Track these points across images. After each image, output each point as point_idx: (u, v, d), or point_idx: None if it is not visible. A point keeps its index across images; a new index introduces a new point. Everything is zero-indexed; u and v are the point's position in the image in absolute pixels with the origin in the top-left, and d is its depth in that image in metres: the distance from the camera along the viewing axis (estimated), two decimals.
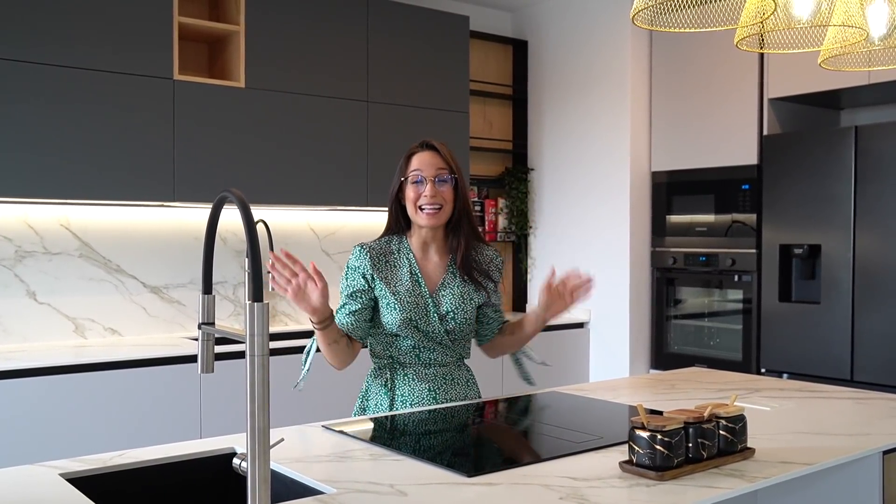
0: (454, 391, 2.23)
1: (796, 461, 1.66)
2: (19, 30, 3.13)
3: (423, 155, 2.17)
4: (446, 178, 2.16)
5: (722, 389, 2.44)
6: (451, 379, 2.23)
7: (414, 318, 2.13)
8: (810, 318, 3.79)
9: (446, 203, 2.15)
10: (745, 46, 2.00)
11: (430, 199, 2.12)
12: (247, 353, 1.25)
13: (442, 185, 2.15)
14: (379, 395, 2.21)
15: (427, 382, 2.19)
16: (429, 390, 2.19)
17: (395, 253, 2.20)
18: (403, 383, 2.19)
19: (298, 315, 4.22)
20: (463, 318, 2.18)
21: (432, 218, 2.14)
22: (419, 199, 2.14)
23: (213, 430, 3.28)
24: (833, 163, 3.70)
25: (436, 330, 2.16)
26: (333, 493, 1.45)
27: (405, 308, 2.13)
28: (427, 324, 2.15)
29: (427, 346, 2.17)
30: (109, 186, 3.34)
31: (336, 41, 3.94)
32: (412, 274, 2.18)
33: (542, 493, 1.45)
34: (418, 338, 2.15)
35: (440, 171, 2.15)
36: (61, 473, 1.56)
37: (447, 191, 2.16)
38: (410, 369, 2.19)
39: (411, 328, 2.14)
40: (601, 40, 4.61)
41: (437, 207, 2.13)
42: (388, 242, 2.22)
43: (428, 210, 2.13)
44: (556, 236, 4.90)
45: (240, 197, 1.32)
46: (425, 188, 2.13)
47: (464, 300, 2.19)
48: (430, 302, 2.16)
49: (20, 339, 3.46)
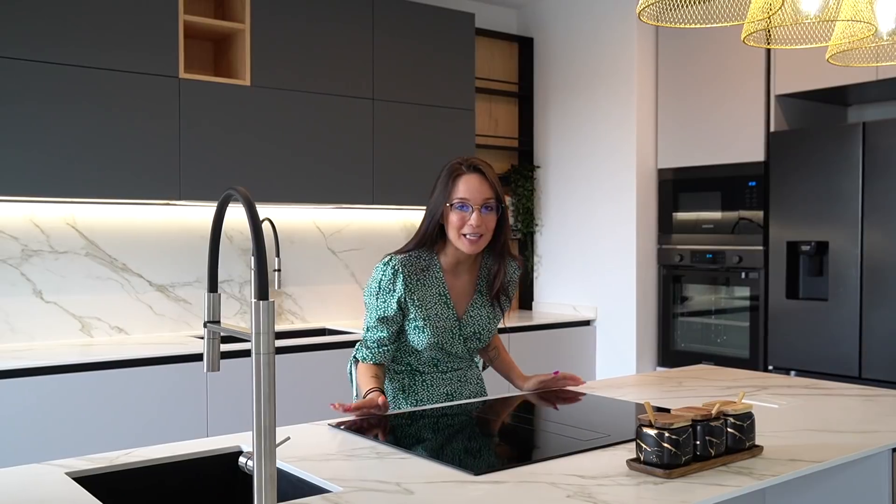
0: (468, 389, 2.32)
1: (805, 459, 1.65)
2: (24, 29, 3.13)
3: (471, 179, 2.11)
4: (492, 206, 2.12)
5: (729, 387, 2.43)
6: (465, 379, 2.32)
7: (441, 342, 2.18)
8: (818, 315, 3.78)
9: (487, 232, 2.12)
10: (752, 42, 1.99)
11: (475, 228, 2.09)
12: (252, 350, 1.25)
13: (487, 212, 2.11)
14: (396, 399, 2.26)
15: (445, 387, 2.27)
16: (446, 394, 2.27)
17: (425, 270, 2.17)
18: (422, 388, 2.25)
19: (304, 313, 4.22)
20: (487, 338, 2.27)
21: (473, 245, 2.11)
22: (463, 227, 2.09)
23: (219, 429, 3.28)
24: (841, 159, 3.68)
25: (459, 350, 2.24)
26: (340, 491, 1.45)
27: (434, 333, 2.16)
28: (452, 345, 2.22)
29: (446, 360, 2.26)
30: (115, 185, 3.34)
31: (341, 39, 3.93)
32: (441, 296, 2.18)
33: (549, 491, 1.44)
34: (442, 356, 2.23)
35: (487, 200, 2.11)
36: (67, 472, 1.56)
37: (491, 219, 2.12)
38: (429, 377, 2.26)
39: (436, 349, 2.20)
40: (607, 37, 4.60)
41: (478, 235, 2.10)
42: (417, 258, 2.17)
43: (470, 237, 2.10)
44: (563, 234, 4.89)
45: (245, 194, 1.31)
46: (471, 217, 2.09)
47: (489, 321, 2.26)
48: (458, 325, 2.21)
49: (27, 337, 3.46)
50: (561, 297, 4.90)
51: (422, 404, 2.24)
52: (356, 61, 3.98)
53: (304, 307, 4.22)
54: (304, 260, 4.21)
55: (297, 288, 4.20)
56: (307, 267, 4.22)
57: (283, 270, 4.13)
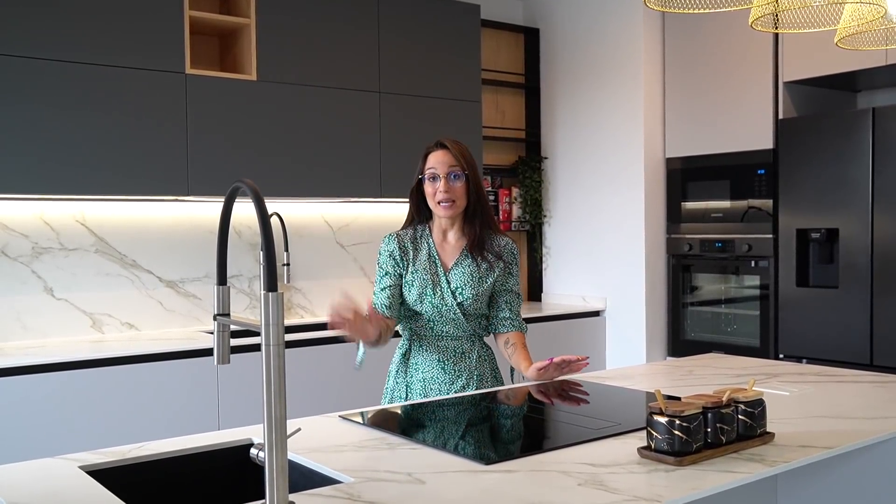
0: (463, 364, 2.39)
1: (817, 445, 1.64)
2: (31, 27, 3.14)
3: (437, 154, 2.41)
4: (458, 174, 2.37)
5: (740, 375, 2.42)
6: (461, 352, 2.40)
7: (428, 293, 2.36)
8: (828, 302, 3.76)
9: (459, 198, 2.38)
10: (760, 27, 1.98)
11: (444, 194, 2.36)
12: (262, 342, 1.25)
13: (455, 181, 2.37)
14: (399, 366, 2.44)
15: (438, 353, 2.39)
16: (438, 360, 2.38)
17: (418, 239, 2.45)
18: (417, 353, 2.41)
19: (314, 307, 4.23)
20: (472, 294, 2.37)
21: (448, 210, 2.38)
22: (436, 195, 2.38)
23: (230, 423, 3.29)
24: (850, 145, 3.66)
25: (448, 304, 2.36)
26: (351, 482, 1.45)
27: (421, 284, 2.36)
28: (440, 298, 2.36)
29: (440, 321, 2.38)
30: (123, 182, 3.35)
31: (347, 32, 3.93)
32: (430, 255, 2.42)
33: (560, 480, 1.44)
34: (432, 312, 2.37)
35: (452, 169, 2.37)
36: (81, 466, 1.57)
37: (460, 186, 2.38)
38: (425, 341, 2.41)
39: (426, 303, 2.36)
40: (613, 27, 4.58)
41: (451, 201, 2.37)
42: (412, 231, 2.47)
43: (444, 204, 2.37)
44: (571, 224, 4.88)
45: (252, 187, 1.32)
46: (440, 184, 2.36)
47: (473, 278, 2.39)
48: (444, 279, 2.38)
49: (38, 334, 3.48)
50: (570, 288, 4.90)
51: (417, 368, 2.38)
52: (362, 54, 3.98)
53: (314, 301, 4.22)
54: (312, 254, 4.22)
55: (306, 282, 4.20)
56: (316, 261, 4.23)
57: (291, 265, 4.14)
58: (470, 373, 2.38)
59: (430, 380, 2.36)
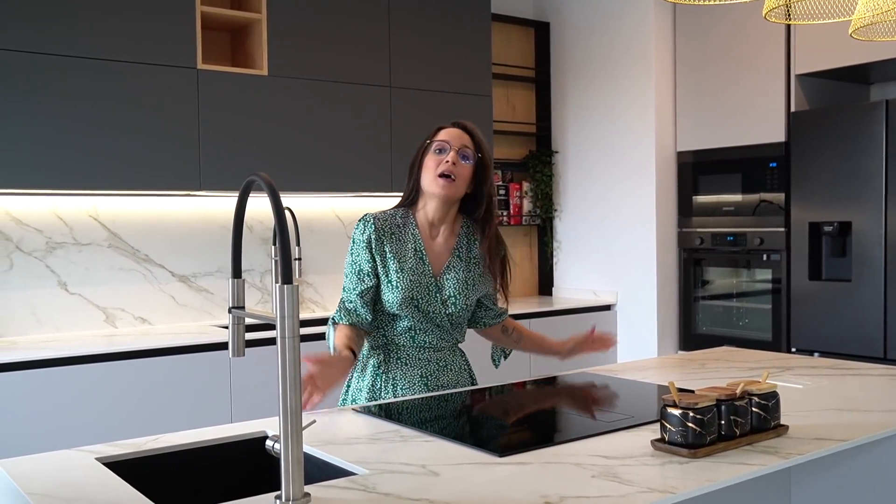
0: (446, 377, 2.18)
1: (831, 437, 1.64)
2: (43, 23, 3.15)
3: (453, 129, 2.15)
4: (470, 154, 2.12)
5: (753, 368, 2.42)
6: (444, 365, 2.18)
7: (416, 298, 2.09)
8: (841, 296, 3.74)
9: (462, 178, 2.10)
10: (774, 18, 1.97)
11: (450, 166, 2.06)
12: (277, 334, 1.26)
13: (465, 160, 2.11)
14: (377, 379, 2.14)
15: (420, 368, 2.14)
16: (420, 377, 2.14)
17: (400, 227, 2.14)
18: (396, 366, 2.14)
19: (325, 302, 4.24)
20: (465, 304, 2.15)
21: (446, 187, 2.07)
22: (439, 167, 2.08)
23: (242, 416, 3.31)
24: (863, 138, 3.64)
25: (437, 311, 2.12)
26: (366, 473, 1.46)
27: (408, 287, 2.07)
28: (429, 304, 2.10)
29: (423, 329, 2.13)
30: (136, 177, 3.37)
31: (357, 27, 3.93)
32: (416, 252, 2.12)
33: (573, 472, 1.44)
34: (417, 318, 2.11)
35: (465, 148, 2.12)
36: (98, 458, 1.58)
37: (468, 168, 2.11)
38: (404, 352, 2.14)
39: (412, 308, 2.09)
40: (624, 20, 4.56)
41: (452, 178, 2.08)
42: (393, 215, 2.15)
43: (444, 179, 2.07)
44: (582, 219, 4.87)
45: (267, 180, 1.32)
46: (447, 155, 2.08)
47: (467, 286, 2.15)
48: (434, 284, 2.11)
49: (53, 328, 3.51)
50: (581, 282, 4.89)
51: (395, 385, 2.12)
52: (373, 49, 3.98)
53: (325, 295, 4.24)
54: (323, 248, 4.23)
55: (318, 276, 4.22)
56: (327, 255, 4.24)
57: (303, 259, 4.15)
58: (456, 384, 2.19)
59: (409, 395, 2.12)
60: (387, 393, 2.13)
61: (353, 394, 2.21)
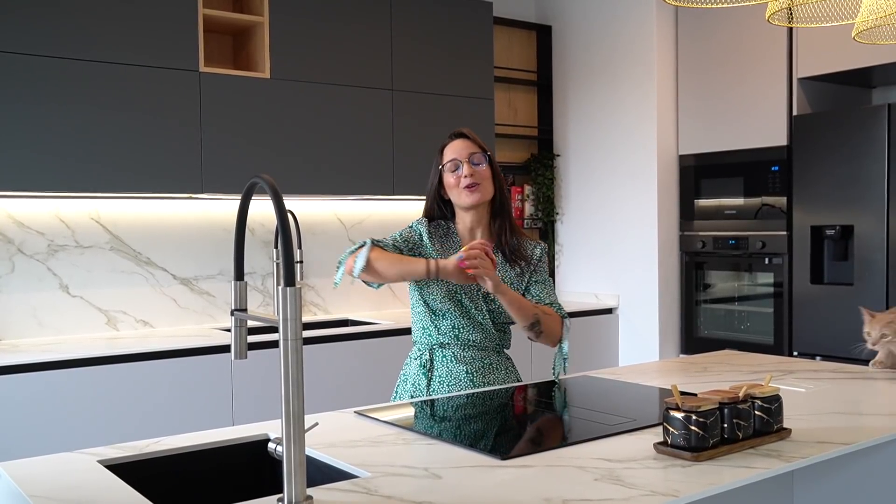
0: (493, 376, 2.28)
1: (834, 441, 1.63)
2: (45, 26, 3.16)
3: (455, 143, 2.30)
4: (480, 158, 2.27)
5: (755, 371, 2.42)
6: (489, 364, 2.28)
7: (458, 292, 2.22)
8: (843, 299, 3.74)
9: (484, 181, 2.25)
10: (777, 21, 1.97)
11: (469, 178, 2.22)
12: (280, 337, 1.26)
13: (478, 165, 2.26)
14: (417, 377, 2.28)
15: (465, 364, 2.24)
16: (466, 372, 2.24)
17: (444, 234, 2.33)
18: (442, 364, 2.25)
19: (327, 305, 4.24)
20: None
21: (474, 194, 2.23)
22: (460, 182, 2.24)
23: (243, 419, 3.31)
24: (865, 142, 3.63)
25: (479, 307, 2.23)
26: (368, 476, 1.46)
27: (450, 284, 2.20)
28: (471, 299, 2.23)
29: (467, 327, 2.24)
30: (138, 180, 3.37)
31: (360, 30, 3.93)
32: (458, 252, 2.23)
33: (576, 475, 1.44)
34: (460, 315, 2.23)
35: (473, 154, 2.26)
36: (99, 460, 1.58)
37: (484, 170, 2.26)
38: (449, 350, 2.25)
39: (455, 303, 2.22)
40: (626, 23, 4.57)
41: (476, 184, 2.23)
42: (438, 225, 2.33)
43: (469, 189, 2.22)
44: (584, 222, 4.87)
45: (270, 182, 1.32)
46: (463, 169, 2.24)
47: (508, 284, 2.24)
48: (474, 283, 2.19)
49: (54, 331, 3.51)
50: (583, 285, 4.89)
51: (442, 382, 2.23)
52: (375, 52, 3.98)
53: (327, 299, 4.23)
54: (325, 252, 4.23)
55: (320, 280, 4.21)
56: (329, 258, 4.24)
57: (305, 262, 4.15)
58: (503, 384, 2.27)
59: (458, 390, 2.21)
60: (432, 391, 2.24)
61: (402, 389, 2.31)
